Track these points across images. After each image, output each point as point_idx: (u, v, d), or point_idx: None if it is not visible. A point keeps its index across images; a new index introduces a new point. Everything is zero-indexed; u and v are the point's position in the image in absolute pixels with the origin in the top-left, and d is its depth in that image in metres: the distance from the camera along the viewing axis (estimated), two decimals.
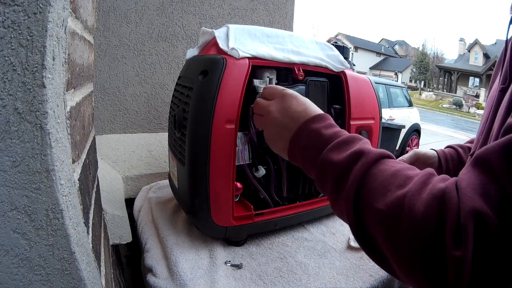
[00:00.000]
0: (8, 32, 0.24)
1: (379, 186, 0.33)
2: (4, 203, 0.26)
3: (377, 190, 0.33)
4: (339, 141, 0.39)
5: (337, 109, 0.69)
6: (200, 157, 0.55)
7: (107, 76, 1.01)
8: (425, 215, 0.28)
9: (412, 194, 0.30)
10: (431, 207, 0.28)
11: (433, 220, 0.27)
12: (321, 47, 0.71)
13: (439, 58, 34.12)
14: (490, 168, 0.27)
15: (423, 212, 0.28)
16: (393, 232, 0.30)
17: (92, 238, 0.39)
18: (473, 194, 0.26)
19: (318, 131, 0.42)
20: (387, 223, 0.31)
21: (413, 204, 0.29)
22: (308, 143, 0.42)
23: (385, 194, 0.32)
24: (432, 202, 0.28)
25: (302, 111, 0.45)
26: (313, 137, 0.42)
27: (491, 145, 0.27)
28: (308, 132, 0.42)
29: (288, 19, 1.27)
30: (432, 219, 0.27)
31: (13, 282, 0.28)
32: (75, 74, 0.37)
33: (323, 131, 0.41)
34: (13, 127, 0.26)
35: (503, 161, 0.26)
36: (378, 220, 0.32)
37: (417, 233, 0.28)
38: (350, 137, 0.40)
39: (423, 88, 27.77)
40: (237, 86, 0.56)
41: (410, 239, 0.28)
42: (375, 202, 0.32)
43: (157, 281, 0.54)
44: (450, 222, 0.26)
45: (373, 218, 0.32)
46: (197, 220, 0.62)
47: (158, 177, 0.95)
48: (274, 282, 0.55)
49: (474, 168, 0.28)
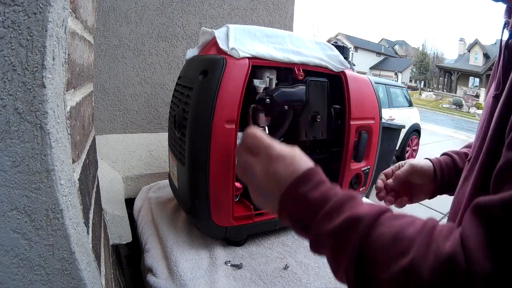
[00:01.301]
0: (8, 32, 0.24)
1: (381, 255, 0.31)
2: (4, 203, 0.26)
3: (379, 259, 0.31)
4: (327, 210, 0.36)
5: (337, 109, 0.69)
6: (200, 157, 0.55)
7: (107, 76, 1.01)
8: (433, 284, 0.27)
9: (417, 262, 0.29)
10: (438, 274, 0.27)
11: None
12: (321, 47, 0.71)
13: (439, 58, 34.12)
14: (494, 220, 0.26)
15: (430, 280, 0.27)
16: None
17: (92, 238, 0.39)
18: (482, 258, 0.26)
19: (305, 196, 0.37)
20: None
21: (420, 272, 0.28)
22: (296, 211, 0.38)
23: (388, 265, 0.30)
24: (440, 269, 0.27)
25: (289, 173, 0.40)
26: (300, 204, 0.38)
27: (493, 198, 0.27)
28: (295, 199, 0.38)
29: (288, 19, 1.27)
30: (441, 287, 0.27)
31: (13, 282, 0.28)
32: (75, 74, 0.37)
33: (310, 196, 0.37)
34: (13, 127, 0.26)
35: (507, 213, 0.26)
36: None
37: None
38: (339, 200, 0.36)
39: (423, 88, 27.77)
40: (237, 86, 0.56)
41: None
42: (378, 273, 0.31)
43: (157, 281, 0.54)
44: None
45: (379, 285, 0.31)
46: (197, 220, 0.62)
47: (158, 177, 0.95)
48: (274, 282, 0.55)
49: (476, 219, 0.28)
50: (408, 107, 5.35)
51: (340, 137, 0.70)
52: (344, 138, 0.69)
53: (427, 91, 26.22)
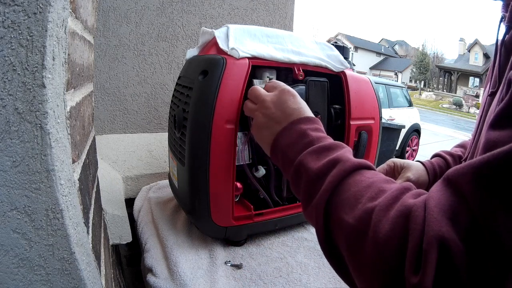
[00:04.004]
0: (8, 32, 0.24)
1: (351, 197, 0.32)
2: (4, 203, 0.26)
3: (348, 201, 0.32)
4: (321, 146, 0.39)
5: (337, 109, 0.69)
6: (200, 157, 0.55)
7: (107, 76, 1.01)
8: (388, 235, 0.26)
9: (380, 210, 0.28)
10: (395, 226, 0.26)
11: (395, 242, 0.26)
12: (321, 47, 0.71)
13: (439, 58, 34.12)
14: (460, 190, 0.25)
15: (387, 231, 0.27)
16: (358, 249, 0.29)
17: (92, 238, 0.39)
18: (440, 217, 0.24)
19: (305, 131, 0.42)
20: (353, 238, 0.29)
21: (379, 220, 0.28)
22: (292, 140, 0.42)
23: (355, 207, 0.30)
24: (397, 221, 0.26)
25: (296, 109, 0.45)
26: (298, 135, 0.42)
27: (463, 165, 0.25)
28: (296, 130, 0.42)
29: (288, 19, 1.27)
30: (394, 240, 0.26)
31: (13, 282, 0.28)
32: (75, 74, 0.37)
33: (309, 132, 0.41)
34: (13, 127, 0.26)
35: (473, 185, 0.24)
36: (345, 233, 0.30)
37: (379, 254, 0.26)
38: (332, 144, 0.39)
39: (423, 88, 27.76)
40: (237, 86, 0.56)
41: (372, 260, 0.27)
42: (344, 213, 0.31)
43: (157, 281, 0.54)
44: (411, 245, 0.24)
45: (341, 230, 0.31)
46: (197, 220, 0.62)
47: (158, 177, 0.95)
48: (274, 282, 0.55)
49: (445, 187, 0.26)
50: (408, 107, 5.36)
51: (340, 137, 0.70)
52: (344, 138, 0.69)
53: (427, 91, 26.22)
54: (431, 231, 0.24)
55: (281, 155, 0.43)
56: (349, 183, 0.33)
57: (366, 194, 0.31)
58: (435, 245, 0.23)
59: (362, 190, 0.32)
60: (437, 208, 0.25)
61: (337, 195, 0.33)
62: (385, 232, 0.26)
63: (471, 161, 0.25)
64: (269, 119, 0.46)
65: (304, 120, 0.44)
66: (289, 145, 0.42)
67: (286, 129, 0.43)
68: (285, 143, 0.42)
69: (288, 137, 0.42)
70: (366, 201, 0.30)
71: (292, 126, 0.43)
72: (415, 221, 0.25)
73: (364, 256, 0.28)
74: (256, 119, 0.49)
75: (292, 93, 0.48)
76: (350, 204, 0.31)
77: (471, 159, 0.41)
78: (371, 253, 0.27)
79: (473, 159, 0.25)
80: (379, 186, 0.31)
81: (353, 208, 0.30)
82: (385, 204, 0.29)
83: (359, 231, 0.29)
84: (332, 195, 0.33)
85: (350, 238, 0.30)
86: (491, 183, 0.23)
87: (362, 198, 0.31)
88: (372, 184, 0.32)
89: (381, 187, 0.31)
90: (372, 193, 0.31)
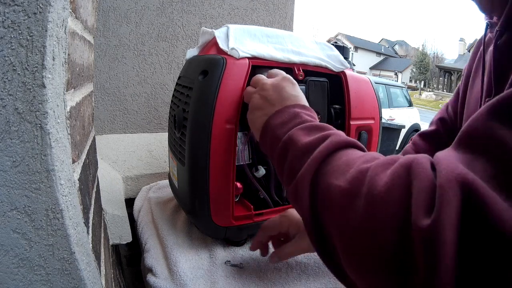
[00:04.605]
0: (8, 32, 0.24)
1: (344, 163, 0.28)
2: (4, 203, 0.26)
3: (340, 167, 0.27)
4: (313, 124, 0.37)
5: (337, 109, 0.69)
6: (200, 157, 0.55)
7: (107, 76, 1.01)
8: (387, 187, 0.22)
9: (377, 166, 0.24)
10: (395, 176, 0.22)
11: (395, 192, 0.21)
12: (321, 47, 0.71)
13: (439, 58, 34.13)
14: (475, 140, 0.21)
15: (385, 183, 0.22)
16: (350, 213, 0.24)
17: (92, 238, 0.39)
18: (455, 161, 0.21)
19: (298, 113, 0.41)
20: (344, 201, 0.24)
21: (376, 174, 0.23)
22: (283, 120, 0.41)
23: (347, 171, 0.26)
24: (398, 171, 0.22)
25: (293, 95, 0.45)
26: (290, 116, 0.41)
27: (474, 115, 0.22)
28: (289, 112, 0.42)
29: (288, 19, 1.27)
30: (395, 191, 0.22)
31: (13, 282, 0.28)
32: (75, 74, 0.37)
33: (302, 114, 0.41)
34: (13, 127, 0.26)
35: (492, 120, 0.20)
36: (334, 199, 0.26)
37: (374, 210, 0.22)
38: (325, 125, 0.38)
39: (423, 88, 27.77)
40: (237, 86, 0.56)
41: (368, 218, 0.22)
42: (334, 179, 0.26)
43: (157, 281, 0.54)
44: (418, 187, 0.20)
45: (329, 198, 0.26)
46: (197, 220, 0.62)
47: (158, 177, 0.95)
48: (274, 282, 0.55)
49: (457, 149, 0.22)
50: (408, 107, 5.35)
51: None
52: None
53: (427, 91, 26.22)
54: (446, 171, 0.20)
55: (270, 134, 0.41)
56: (340, 155, 0.30)
57: (359, 161, 0.27)
58: (454, 184, 0.19)
59: (355, 158, 0.28)
60: (451, 158, 0.21)
61: (326, 165, 0.29)
62: (383, 184, 0.22)
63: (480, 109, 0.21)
64: (265, 101, 0.46)
65: (299, 105, 0.43)
66: (279, 125, 0.40)
67: (279, 111, 0.43)
68: (275, 123, 0.41)
69: (279, 118, 0.41)
70: (360, 163, 0.26)
71: (286, 109, 0.42)
72: (420, 166, 0.22)
73: (356, 217, 0.23)
74: (253, 101, 0.49)
75: (292, 81, 0.48)
76: (341, 170, 0.27)
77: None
78: (365, 212, 0.22)
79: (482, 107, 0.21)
80: (375, 155, 0.28)
81: (345, 173, 0.26)
82: (383, 161, 0.25)
83: (351, 192, 0.24)
84: (321, 165, 0.29)
85: (340, 203, 0.25)
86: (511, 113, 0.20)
87: (355, 163, 0.27)
88: (367, 154, 0.29)
89: (376, 156, 0.28)
90: (367, 158, 0.27)
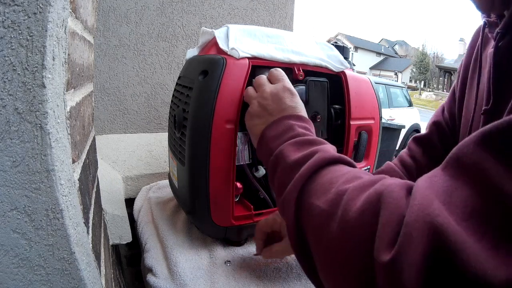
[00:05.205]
0: (8, 32, 0.24)
1: (325, 182, 0.29)
2: (4, 203, 0.26)
3: (321, 186, 0.29)
4: (304, 139, 0.38)
5: (337, 109, 0.69)
6: (200, 157, 0.55)
7: (107, 76, 1.01)
8: (359, 212, 0.23)
9: (354, 189, 0.25)
10: (367, 203, 0.23)
11: (365, 219, 0.22)
12: (321, 47, 0.71)
13: (439, 58, 34.13)
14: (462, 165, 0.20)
15: (357, 208, 0.23)
16: (325, 234, 0.25)
17: (92, 238, 0.39)
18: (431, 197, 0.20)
19: (292, 125, 0.42)
20: (322, 222, 0.26)
21: (351, 199, 0.24)
22: (277, 133, 0.42)
23: (328, 191, 0.27)
24: (371, 199, 0.23)
25: (291, 106, 0.46)
26: (285, 129, 0.42)
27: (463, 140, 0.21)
28: (284, 124, 0.43)
29: (288, 19, 1.27)
30: (365, 218, 0.22)
31: (13, 282, 0.28)
32: (75, 74, 0.37)
33: (296, 127, 0.42)
34: (13, 127, 0.26)
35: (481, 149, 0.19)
36: (313, 219, 0.27)
37: (346, 235, 0.23)
38: (316, 139, 0.39)
39: (423, 88, 27.78)
40: (237, 86, 0.56)
41: (339, 245, 0.23)
42: (316, 198, 0.28)
43: (157, 281, 0.54)
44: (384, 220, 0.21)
45: (310, 217, 0.28)
46: (197, 220, 0.62)
47: (158, 177, 0.95)
48: (274, 282, 0.55)
49: (443, 170, 0.22)
50: (408, 107, 5.35)
51: (340, 137, 0.70)
52: (344, 138, 0.69)
53: (427, 91, 26.22)
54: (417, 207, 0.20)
55: (265, 145, 0.43)
56: (325, 172, 0.31)
57: (340, 180, 0.28)
58: (422, 224, 0.19)
59: (338, 176, 0.29)
60: (429, 189, 0.21)
61: (311, 182, 0.30)
62: (355, 210, 0.23)
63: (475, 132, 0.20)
64: (263, 109, 0.47)
65: (295, 117, 0.44)
66: (273, 137, 0.42)
67: (275, 122, 0.44)
68: (271, 134, 0.43)
69: (275, 129, 0.43)
70: (340, 184, 0.27)
71: (282, 120, 0.44)
72: (391, 196, 0.22)
73: (330, 239, 0.24)
74: (252, 107, 0.50)
75: (291, 91, 0.49)
76: (323, 190, 0.28)
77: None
78: (338, 235, 0.24)
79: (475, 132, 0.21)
80: (357, 174, 0.29)
81: (325, 193, 0.28)
82: (360, 185, 0.25)
83: (328, 213, 0.26)
84: (307, 183, 0.31)
85: (318, 223, 0.26)
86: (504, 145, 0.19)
87: (337, 183, 0.28)
88: (349, 172, 0.29)
89: (359, 175, 0.29)
90: (348, 177, 0.28)
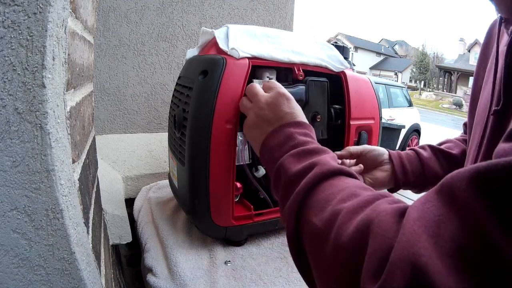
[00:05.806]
0: (8, 32, 0.24)
1: (323, 199, 0.30)
2: (4, 203, 0.26)
3: (319, 203, 0.30)
4: (304, 149, 0.38)
5: (337, 109, 0.69)
6: (200, 157, 0.55)
7: (107, 76, 1.01)
8: (349, 238, 0.24)
9: (347, 212, 0.26)
10: (358, 230, 0.24)
11: (354, 247, 0.23)
12: (321, 47, 0.71)
13: (439, 58, 34.14)
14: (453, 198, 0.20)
15: (348, 234, 0.24)
16: (319, 252, 0.27)
17: (92, 238, 0.39)
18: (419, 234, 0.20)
19: (292, 134, 0.42)
20: (317, 241, 0.28)
21: (344, 223, 0.25)
22: (278, 142, 0.42)
23: (324, 209, 0.29)
24: (361, 226, 0.24)
25: (288, 112, 0.46)
26: (285, 138, 0.42)
27: (461, 170, 0.21)
28: (284, 132, 0.43)
29: (288, 19, 1.27)
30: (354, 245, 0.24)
31: (13, 282, 0.28)
32: (75, 74, 0.37)
33: (296, 135, 0.41)
34: (13, 127, 0.26)
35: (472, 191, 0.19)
36: (310, 236, 0.29)
37: (338, 258, 0.24)
38: (316, 148, 0.39)
39: (423, 88, 27.77)
40: (237, 86, 0.56)
41: (331, 263, 0.25)
42: (313, 215, 0.29)
43: (157, 281, 0.54)
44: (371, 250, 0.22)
45: (308, 234, 0.30)
46: (197, 220, 0.62)
47: (158, 177, 0.95)
48: (274, 282, 0.55)
49: (435, 196, 0.22)
50: (408, 107, 5.35)
51: (340, 137, 0.70)
52: (344, 138, 0.69)
53: (427, 91, 26.23)
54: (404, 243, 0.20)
55: (267, 155, 0.43)
56: (323, 186, 0.32)
57: (337, 197, 0.29)
58: (406, 264, 0.19)
59: (336, 192, 0.30)
60: (419, 221, 0.21)
61: (310, 197, 0.32)
62: (346, 235, 0.24)
63: (472, 166, 0.20)
64: (261, 120, 0.47)
65: (294, 123, 0.44)
66: (275, 147, 0.42)
67: (275, 131, 0.43)
68: (272, 144, 0.43)
69: (275, 139, 0.43)
70: (336, 203, 0.29)
71: (282, 129, 0.43)
72: (380, 226, 0.23)
73: (324, 259, 0.26)
74: (249, 118, 0.49)
75: (287, 97, 0.48)
76: (320, 206, 0.30)
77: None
78: (330, 256, 0.25)
79: (475, 164, 0.20)
80: (353, 191, 0.29)
81: (322, 210, 0.29)
82: (354, 207, 0.27)
83: (324, 233, 0.27)
84: (305, 197, 0.32)
85: (314, 241, 0.28)
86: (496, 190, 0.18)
87: (333, 200, 0.29)
88: (347, 188, 0.30)
89: (355, 191, 0.29)
90: (344, 195, 0.29)
